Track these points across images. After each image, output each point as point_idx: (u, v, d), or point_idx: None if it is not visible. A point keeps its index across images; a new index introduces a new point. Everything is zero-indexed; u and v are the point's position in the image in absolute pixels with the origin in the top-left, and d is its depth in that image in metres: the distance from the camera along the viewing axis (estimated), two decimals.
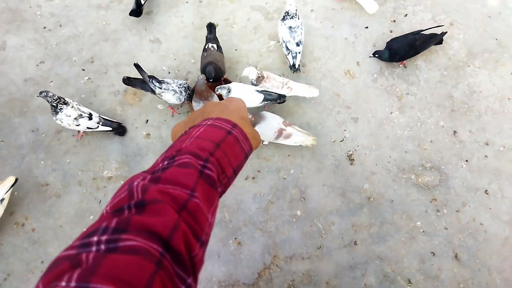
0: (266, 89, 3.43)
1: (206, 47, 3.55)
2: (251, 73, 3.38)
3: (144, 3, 3.93)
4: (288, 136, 3.27)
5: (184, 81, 3.45)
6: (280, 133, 3.24)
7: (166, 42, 4.03)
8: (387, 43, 3.81)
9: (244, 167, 3.41)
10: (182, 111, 3.70)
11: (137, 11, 3.91)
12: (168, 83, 3.39)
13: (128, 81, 3.48)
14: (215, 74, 3.34)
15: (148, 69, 3.88)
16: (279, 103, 3.43)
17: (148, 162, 3.44)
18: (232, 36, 4.09)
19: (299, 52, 3.68)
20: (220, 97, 3.40)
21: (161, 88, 3.36)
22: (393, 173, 3.51)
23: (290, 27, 3.62)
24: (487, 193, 3.49)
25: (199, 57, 3.76)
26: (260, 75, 3.45)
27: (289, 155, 3.53)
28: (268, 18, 4.19)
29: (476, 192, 3.50)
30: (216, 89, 3.31)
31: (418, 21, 4.20)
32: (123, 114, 3.64)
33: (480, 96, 3.87)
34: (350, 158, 3.54)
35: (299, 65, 3.71)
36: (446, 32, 3.87)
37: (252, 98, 3.35)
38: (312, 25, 4.18)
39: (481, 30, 4.17)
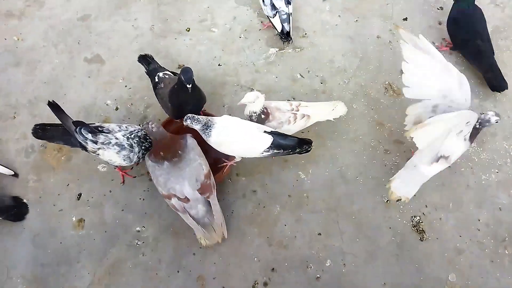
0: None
1: (156, 79, 2.02)
2: (256, 102, 1.86)
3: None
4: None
5: (138, 127, 1.90)
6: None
7: (112, 61, 2.46)
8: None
9: (249, 267, 1.87)
10: (139, 171, 2.13)
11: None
12: (108, 133, 1.83)
13: (41, 132, 1.92)
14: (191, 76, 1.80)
15: (83, 105, 2.31)
16: (299, 152, 1.90)
17: (80, 273, 1.87)
18: (212, 44, 2.54)
19: (290, 14, 2.42)
20: (190, 132, 1.86)
21: (96, 143, 1.81)
22: (488, 247, 2.01)
23: None
24: None
25: None
26: (265, 111, 1.93)
27: (319, 234, 1.99)
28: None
29: None
30: (184, 120, 1.79)
31: None
32: (39, 186, 2.06)
33: None
34: (418, 229, 2.02)
35: (291, 33, 2.46)
36: None
37: (253, 141, 1.83)
38: (327, 20, 2.66)
39: None
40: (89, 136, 1.82)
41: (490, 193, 2.13)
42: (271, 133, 1.83)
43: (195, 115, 1.77)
